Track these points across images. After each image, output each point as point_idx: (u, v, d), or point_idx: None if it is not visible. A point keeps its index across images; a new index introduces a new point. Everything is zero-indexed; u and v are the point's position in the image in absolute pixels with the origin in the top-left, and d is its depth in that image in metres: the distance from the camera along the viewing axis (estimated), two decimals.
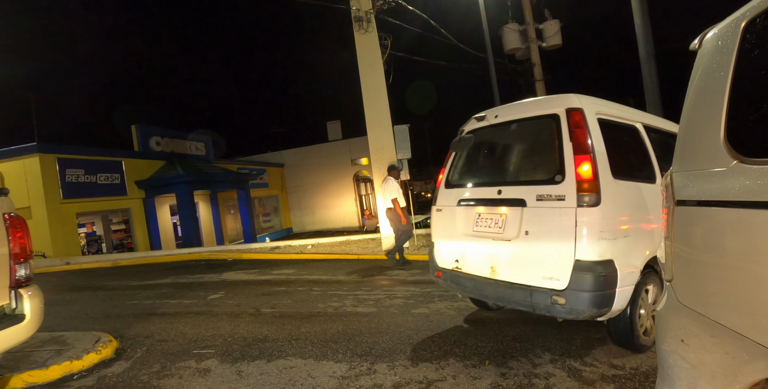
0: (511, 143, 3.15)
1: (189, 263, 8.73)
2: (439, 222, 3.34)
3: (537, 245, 2.58)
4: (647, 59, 7.74)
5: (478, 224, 2.95)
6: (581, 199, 2.40)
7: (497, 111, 3.12)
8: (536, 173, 2.78)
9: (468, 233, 3.02)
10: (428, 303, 4.34)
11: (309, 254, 8.26)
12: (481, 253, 2.91)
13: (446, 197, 3.30)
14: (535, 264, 2.59)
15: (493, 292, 2.84)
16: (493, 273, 2.82)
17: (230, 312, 4.60)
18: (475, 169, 3.29)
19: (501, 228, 2.77)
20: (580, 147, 2.48)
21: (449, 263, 3.21)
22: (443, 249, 3.29)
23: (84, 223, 17.47)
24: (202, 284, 6.35)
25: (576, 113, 2.55)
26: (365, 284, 5.43)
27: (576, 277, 2.39)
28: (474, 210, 3.01)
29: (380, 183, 7.96)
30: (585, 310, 2.40)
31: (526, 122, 2.90)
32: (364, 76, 7.89)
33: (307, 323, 3.98)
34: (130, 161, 15.19)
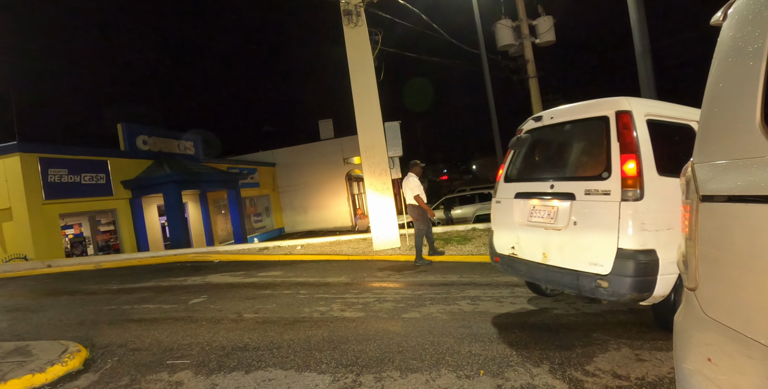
0: (563, 141, 3.37)
1: (174, 266, 8.45)
2: (499, 213, 3.65)
3: (584, 234, 2.83)
4: (643, 54, 7.58)
5: (532, 214, 3.23)
6: (625, 194, 2.63)
7: (553, 113, 3.34)
8: (585, 169, 3.02)
9: (523, 223, 3.31)
10: (419, 307, 4.13)
11: (298, 255, 8.01)
12: (534, 241, 3.20)
13: (505, 190, 3.61)
14: (581, 251, 2.84)
15: (544, 276, 3.13)
16: (544, 259, 3.10)
17: (211, 318, 4.35)
18: (531, 165, 3.56)
19: (552, 219, 3.04)
20: (626, 147, 2.70)
21: (506, 249, 3.50)
22: (501, 237, 3.60)
23: (72, 224, 17.06)
24: (185, 287, 6.09)
25: (624, 115, 2.76)
26: (354, 287, 5.21)
27: (618, 264, 2.62)
28: (529, 202, 3.30)
29: (371, 182, 7.74)
30: (626, 293, 2.62)
31: (579, 123, 3.14)
32: (353, 71, 7.65)
33: (291, 329, 3.75)
34: (116, 161, 14.79)
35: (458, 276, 5.39)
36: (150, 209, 16.26)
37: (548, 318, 3.56)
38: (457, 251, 6.91)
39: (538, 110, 12.38)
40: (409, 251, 7.19)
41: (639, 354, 2.74)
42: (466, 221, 16.03)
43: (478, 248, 7.07)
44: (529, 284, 4.08)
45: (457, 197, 19.34)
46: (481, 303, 4.11)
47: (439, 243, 7.64)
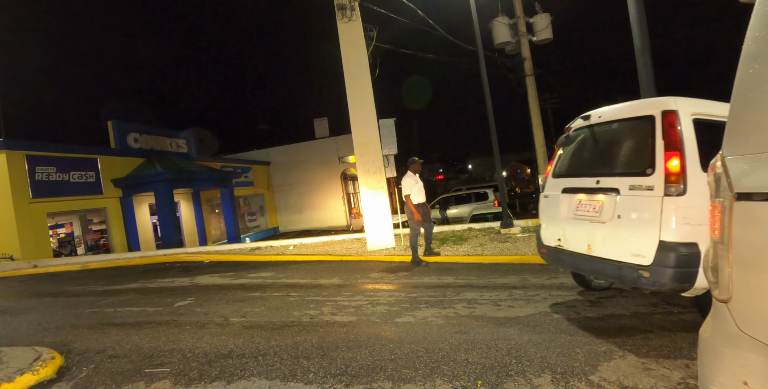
0: (610, 139, 3.48)
1: (162, 266, 8.23)
2: (546, 207, 3.81)
3: (627, 227, 2.96)
4: (642, 52, 7.45)
5: (578, 208, 3.39)
6: (668, 189, 2.75)
7: (601, 112, 3.48)
8: (630, 166, 3.13)
9: (570, 217, 3.47)
10: (414, 311, 3.96)
11: (290, 255, 7.82)
12: (579, 233, 3.34)
13: (553, 185, 3.76)
14: (624, 243, 2.96)
15: (588, 266, 3.28)
16: (589, 250, 3.23)
17: (196, 322, 4.16)
18: (578, 162, 3.68)
19: (597, 212, 3.19)
20: (670, 144, 2.81)
21: (553, 241, 3.64)
22: (548, 230, 3.74)
23: (63, 223, 16.74)
24: (172, 289, 5.88)
25: (670, 115, 2.87)
26: (346, 289, 5.03)
27: (660, 255, 2.73)
28: (575, 197, 3.45)
29: (365, 180, 7.56)
30: (666, 283, 2.71)
31: (626, 122, 3.28)
32: (347, 67, 7.46)
33: (279, 334, 3.57)
34: (106, 159, 14.51)
35: (454, 278, 5.22)
36: (141, 208, 15.99)
37: (548, 323, 3.40)
38: (453, 252, 6.75)
39: (535, 109, 12.24)
40: (404, 252, 7.02)
41: (645, 363, 2.59)
42: (462, 220, 15.89)
43: (475, 248, 6.91)
44: (575, 276, 4.20)
45: (453, 197, 19.18)
46: (478, 307, 3.95)
47: (435, 243, 7.48)
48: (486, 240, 7.52)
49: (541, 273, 5.14)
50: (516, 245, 6.83)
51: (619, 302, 3.86)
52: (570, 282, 4.62)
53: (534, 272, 5.25)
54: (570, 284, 4.56)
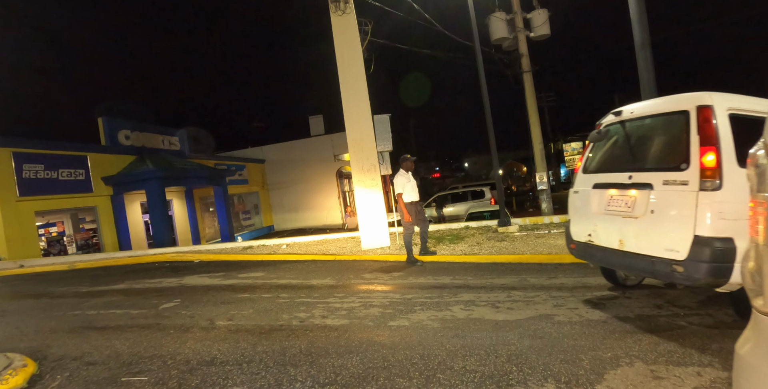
0: (643, 135, 3.46)
1: (151, 266, 8.01)
2: (576, 203, 3.80)
3: (661, 222, 2.96)
4: (643, 47, 7.30)
5: (610, 204, 3.37)
6: (703, 184, 2.73)
7: (633, 108, 3.47)
8: (664, 161, 3.14)
9: (601, 212, 3.46)
10: (408, 313, 3.78)
11: (282, 254, 7.62)
12: (611, 228, 3.33)
13: (583, 181, 3.76)
14: (658, 238, 2.95)
15: (619, 261, 3.29)
16: (620, 245, 3.22)
17: (180, 326, 3.96)
18: (610, 157, 3.67)
19: (630, 207, 3.18)
20: (706, 140, 2.79)
21: (583, 236, 3.64)
22: (578, 225, 3.73)
23: (54, 222, 16.43)
24: (159, 290, 5.68)
25: (705, 110, 2.85)
26: (339, 290, 4.85)
27: (695, 250, 2.71)
28: (607, 192, 3.44)
29: (359, 178, 7.38)
30: (701, 278, 2.70)
31: (660, 117, 3.27)
32: (341, 61, 7.26)
33: (266, 339, 3.38)
34: (96, 156, 14.23)
35: (451, 278, 5.06)
36: (133, 207, 15.72)
37: (549, 326, 3.24)
38: (450, 251, 6.59)
39: (532, 106, 12.09)
40: (399, 251, 6.84)
41: (655, 371, 2.43)
42: (458, 219, 15.74)
43: (471, 247, 6.75)
44: (604, 273, 4.15)
45: (449, 195, 19.04)
46: (475, 309, 3.78)
47: (431, 242, 7.31)
48: (483, 239, 7.37)
49: (540, 273, 4.98)
50: (514, 244, 6.67)
51: (623, 303, 3.71)
52: (570, 283, 4.47)
53: (533, 272, 5.09)
54: (570, 284, 4.41)
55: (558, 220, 8.80)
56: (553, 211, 11.94)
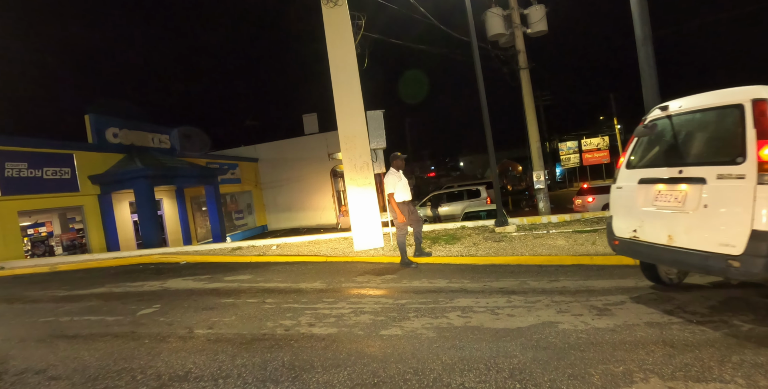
0: (692, 129, 3.42)
1: (135, 268, 7.70)
2: (620, 199, 3.74)
3: (715, 216, 2.91)
4: (644, 42, 7.09)
5: (657, 199, 3.33)
6: (762, 178, 2.69)
7: (680, 102, 3.44)
8: (717, 155, 3.08)
9: (648, 207, 3.40)
10: (402, 321, 3.52)
11: (272, 256, 7.34)
12: (659, 224, 3.28)
13: (627, 177, 3.70)
14: (712, 233, 2.90)
15: (669, 257, 3.23)
16: (670, 241, 3.16)
17: (156, 335, 3.68)
18: (656, 152, 3.61)
19: (680, 202, 3.13)
20: (763, 133, 2.77)
21: (627, 233, 3.58)
22: (622, 221, 3.67)
23: (43, 221, 16.01)
24: (139, 294, 5.39)
25: (761, 103, 2.85)
26: (328, 295, 4.58)
27: (752, 245, 2.67)
28: (654, 187, 3.39)
29: (352, 176, 7.12)
30: (759, 273, 2.68)
31: (710, 111, 3.22)
32: (333, 55, 6.99)
33: (247, 351, 3.11)
34: (82, 154, 13.84)
35: (447, 281, 4.81)
36: (121, 206, 15.35)
37: (554, 335, 3.00)
38: (446, 252, 6.34)
39: (529, 103, 11.87)
40: (393, 252, 6.58)
41: (673, 388, 2.19)
42: (454, 218, 15.51)
43: (468, 248, 6.51)
44: (644, 270, 4.04)
45: (444, 194, 18.82)
46: (473, 316, 3.53)
47: (426, 243, 7.06)
48: (480, 239, 7.13)
49: (540, 276, 4.75)
50: (512, 245, 6.44)
51: (630, 308, 3.48)
52: (573, 286, 4.24)
53: (532, 274, 4.86)
54: (573, 288, 4.18)
55: (556, 220, 8.58)
56: (551, 210, 11.74)
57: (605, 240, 6.49)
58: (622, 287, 4.10)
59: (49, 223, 15.87)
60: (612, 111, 32.53)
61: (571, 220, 8.51)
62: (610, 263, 5.11)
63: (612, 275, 4.60)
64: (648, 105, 6.96)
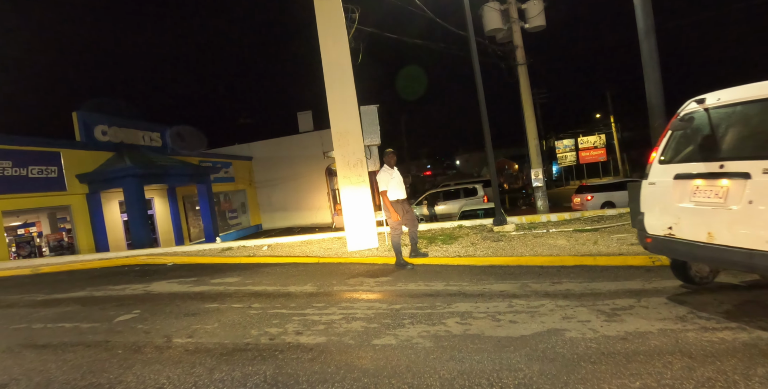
0: (734, 122, 3.28)
1: (120, 270, 7.40)
2: (653, 195, 3.61)
3: (761, 212, 2.78)
4: (647, 35, 6.87)
5: (695, 195, 3.21)
6: None
7: (719, 94, 3.31)
8: (763, 149, 2.94)
9: (685, 204, 3.29)
10: (396, 328, 3.27)
11: (262, 257, 7.07)
12: (697, 221, 3.16)
13: (661, 172, 3.57)
14: (758, 230, 2.78)
15: (708, 255, 3.11)
16: (710, 238, 3.04)
17: (132, 344, 3.42)
18: (693, 147, 3.47)
19: (722, 198, 3.01)
20: None
21: (661, 230, 3.46)
22: (655, 218, 3.54)
23: (33, 222, 15.63)
24: (120, 299, 5.10)
25: None
26: (319, 299, 4.32)
27: None
28: (691, 183, 3.27)
29: (345, 173, 6.86)
30: None
31: (754, 104, 3.08)
32: (324, 47, 6.71)
33: (227, 363, 2.85)
34: (70, 153, 13.49)
35: (444, 284, 4.56)
36: (110, 206, 15.00)
37: (562, 345, 2.76)
38: (443, 253, 6.10)
39: (527, 99, 11.65)
40: (388, 253, 6.33)
41: None
42: (450, 217, 15.29)
43: (466, 248, 6.27)
44: (674, 269, 3.89)
45: (441, 192, 18.58)
46: (473, 322, 3.29)
47: (422, 243, 6.82)
48: (478, 239, 6.89)
49: (542, 278, 4.52)
50: (511, 245, 6.21)
51: (640, 314, 3.25)
52: (577, 289, 4.01)
53: (534, 276, 4.63)
54: (577, 291, 3.95)
55: (556, 218, 8.37)
56: (549, 209, 11.54)
57: (607, 240, 6.30)
58: (629, 290, 3.88)
59: (39, 223, 15.50)
60: (609, 109, 32.43)
61: (570, 218, 8.30)
62: (614, 264, 4.89)
63: (617, 276, 4.38)
64: (651, 100, 6.75)
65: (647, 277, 4.28)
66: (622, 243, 5.74)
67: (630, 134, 36.42)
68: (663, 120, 6.74)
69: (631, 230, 6.48)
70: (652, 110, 6.76)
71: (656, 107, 6.72)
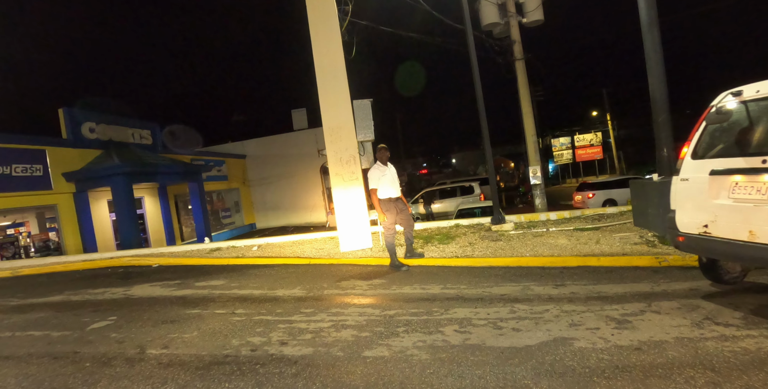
0: None
1: (103, 272, 7.09)
2: (686, 191, 3.48)
3: None
4: (650, 26, 6.63)
5: (734, 191, 3.09)
6: None
7: (757, 86, 3.17)
8: None
9: (722, 201, 3.17)
10: (389, 338, 3.01)
11: (252, 258, 6.78)
12: (737, 218, 3.04)
13: (694, 168, 3.43)
14: None
15: (750, 254, 2.98)
16: (751, 237, 2.93)
17: (101, 356, 3.13)
18: (730, 141, 3.37)
19: (765, 195, 2.89)
20: None
21: (695, 228, 3.34)
22: (689, 216, 3.43)
23: (22, 221, 15.23)
24: (97, 304, 4.81)
25: None
26: (307, 304, 4.05)
27: None
28: (729, 179, 3.16)
29: (337, 171, 6.58)
30: None
31: None
32: (316, 39, 6.42)
33: (202, 378, 2.58)
34: (56, 150, 13.10)
35: (441, 286, 4.31)
36: (98, 205, 14.62)
37: (571, 357, 2.51)
38: (440, 253, 5.84)
39: (525, 95, 11.41)
40: (382, 254, 6.07)
41: None
42: (447, 216, 15.06)
43: (464, 248, 6.02)
44: (707, 269, 3.75)
45: (437, 191, 18.34)
46: (473, 330, 3.03)
47: (418, 243, 6.56)
48: (476, 238, 6.64)
49: (544, 280, 4.27)
50: (510, 245, 5.96)
51: (652, 320, 3.01)
52: (582, 292, 3.77)
53: (535, 278, 4.38)
54: (582, 294, 3.71)
55: (555, 217, 8.14)
56: (547, 207, 11.32)
57: (609, 239, 6.07)
58: (638, 293, 3.64)
59: (27, 223, 15.10)
60: (605, 106, 32.30)
61: (570, 217, 8.08)
62: (619, 265, 4.66)
63: (623, 278, 4.14)
64: (654, 93, 6.52)
65: (655, 279, 4.05)
66: (625, 242, 5.51)
67: (626, 132, 36.36)
68: (667, 115, 6.54)
69: (633, 229, 6.26)
70: (656, 105, 6.54)
71: (660, 102, 6.49)
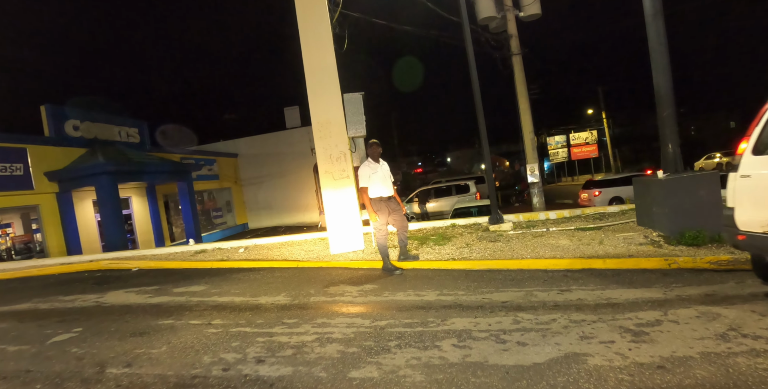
0: None
1: (79, 276, 6.69)
2: (749, 189, 3.40)
3: None
4: (654, 17, 6.37)
5: None
6: None
7: None
8: None
9: None
10: (380, 354, 2.68)
11: (237, 261, 6.42)
12: None
13: (756, 164, 3.37)
14: None
15: None
16: None
17: (55, 376, 2.77)
18: None
19: None
20: None
21: (759, 227, 3.27)
22: (752, 214, 3.35)
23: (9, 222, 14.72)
24: (65, 313, 4.43)
25: None
26: (291, 313, 3.71)
27: None
28: None
29: (327, 168, 6.24)
30: None
31: None
32: (303, 29, 6.05)
33: None
34: (37, 149, 12.62)
35: (437, 292, 3.98)
36: (83, 205, 14.15)
37: (586, 378, 2.19)
38: (435, 255, 5.52)
39: (522, 91, 11.11)
40: (374, 256, 5.74)
41: None
42: (443, 215, 14.76)
43: (461, 250, 5.70)
44: (759, 268, 3.61)
45: (432, 190, 18.04)
46: (474, 345, 2.71)
47: (413, 244, 6.24)
48: (473, 239, 6.33)
49: (548, 284, 3.96)
50: (510, 245, 5.65)
51: (672, 331, 2.71)
52: (590, 298, 3.46)
53: (539, 282, 4.07)
54: (591, 301, 3.40)
55: (555, 216, 7.85)
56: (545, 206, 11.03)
57: (613, 239, 5.78)
58: (651, 300, 3.34)
59: (13, 224, 14.59)
60: (601, 105, 32.16)
61: (570, 216, 7.79)
62: (626, 267, 4.37)
63: (632, 282, 3.84)
64: (659, 87, 6.24)
65: (666, 283, 3.76)
66: (630, 243, 5.22)
67: (621, 130, 36.19)
68: (672, 110, 6.26)
69: (637, 229, 5.98)
70: (660, 100, 6.25)
71: (665, 97, 6.21)
